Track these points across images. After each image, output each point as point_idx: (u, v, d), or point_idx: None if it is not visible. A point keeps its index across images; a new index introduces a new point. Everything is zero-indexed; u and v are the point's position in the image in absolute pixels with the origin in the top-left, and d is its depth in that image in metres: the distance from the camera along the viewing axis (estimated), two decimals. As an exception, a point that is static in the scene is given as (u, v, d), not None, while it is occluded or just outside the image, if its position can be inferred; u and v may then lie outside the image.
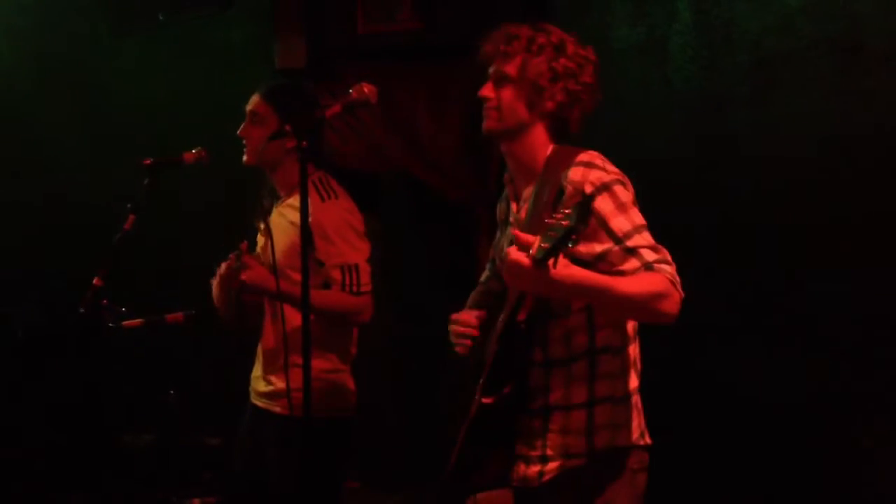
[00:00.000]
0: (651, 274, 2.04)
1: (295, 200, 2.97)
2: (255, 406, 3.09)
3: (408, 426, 4.55)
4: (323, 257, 2.90)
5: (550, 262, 1.89)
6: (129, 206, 2.94)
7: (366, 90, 2.46)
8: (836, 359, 3.14)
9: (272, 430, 2.99)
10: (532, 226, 2.17)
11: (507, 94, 2.23)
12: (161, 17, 4.58)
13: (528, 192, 2.29)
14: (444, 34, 4.02)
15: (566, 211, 1.86)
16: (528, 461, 2.26)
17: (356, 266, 2.94)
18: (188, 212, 4.44)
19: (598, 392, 2.22)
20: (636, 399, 2.28)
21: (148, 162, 3.02)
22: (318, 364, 2.64)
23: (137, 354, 3.90)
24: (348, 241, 2.95)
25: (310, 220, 2.49)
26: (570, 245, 1.86)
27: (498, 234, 2.53)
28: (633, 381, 2.27)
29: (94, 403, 4.62)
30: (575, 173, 2.15)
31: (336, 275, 2.91)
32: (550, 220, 1.87)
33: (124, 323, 3.00)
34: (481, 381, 2.21)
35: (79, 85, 4.82)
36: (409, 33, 4.05)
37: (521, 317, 2.15)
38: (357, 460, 3.11)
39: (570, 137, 2.27)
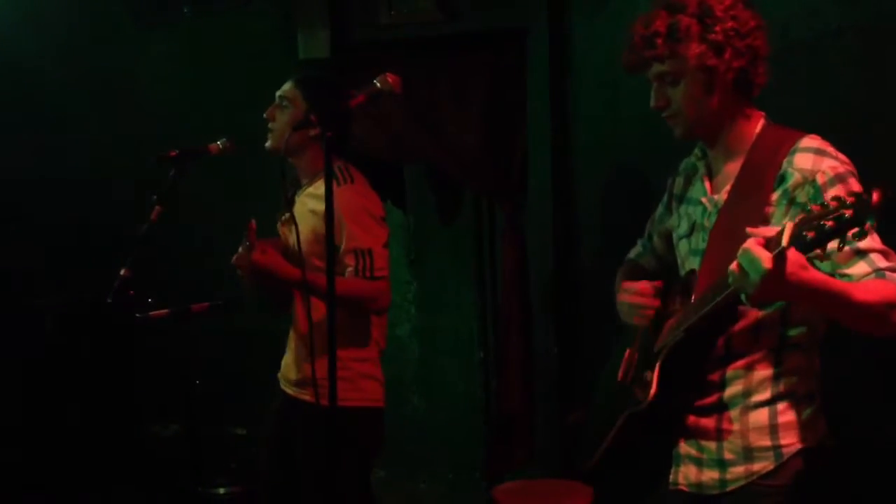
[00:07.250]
0: (885, 282, 1.86)
1: (315, 189, 2.97)
2: (286, 394, 3.10)
3: (432, 415, 4.55)
4: (337, 241, 2.85)
5: (791, 261, 1.71)
6: (154, 197, 2.95)
7: (390, 80, 2.45)
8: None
9: (301, 419, 3.00)
10: (737, 208, 2.03)
11: (679, 93, 2.08)
12: (186, 10, 4.60)
13: (728, 168, 2.13)
14: (467, 24, 4.01)
15: (837, 201, 1.65)
16: (701, 464, 2.10)
17: (370, 251, 2.90)
18: (214, 202, 4.45)
19: (781, 389, 2.04)
20: (819, 400, 2.09)
21: (173, 153, 3.03)
22: (346, 353, 2.62)
23: (164, 344, 3.92)
24: (362, 225, 2.92)
25: (326, 205, 2.46)
26: (835, 240, 1.67)
27: (661, 208, 2.40)
28: (818, 380, 2.10)
29: (121, 393, 4.65)
30: (804, 160, 1.98)
31: (349, 260, 2.89)
32: (816, 208, 1.67)
33: (151, 313, 3.02)
34: (651, 371, 2.06)
35: (103, 77, 4.84)
36: (432, 23, 4.04)
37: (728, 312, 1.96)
38: (383, 449, 3.11)
39: (756, 92, 2.13)
